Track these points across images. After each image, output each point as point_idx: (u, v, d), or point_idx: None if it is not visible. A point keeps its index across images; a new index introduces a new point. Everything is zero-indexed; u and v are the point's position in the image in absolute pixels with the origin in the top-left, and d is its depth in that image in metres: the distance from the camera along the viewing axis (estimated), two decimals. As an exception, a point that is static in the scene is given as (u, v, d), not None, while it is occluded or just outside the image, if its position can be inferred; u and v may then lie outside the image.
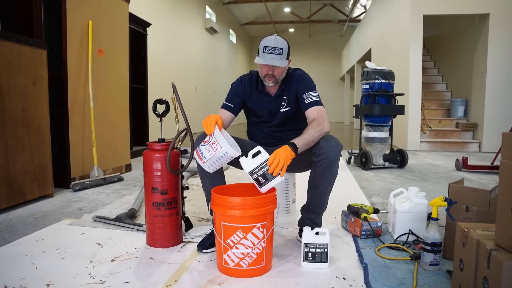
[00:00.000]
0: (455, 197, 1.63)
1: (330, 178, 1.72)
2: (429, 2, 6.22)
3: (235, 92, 1.95)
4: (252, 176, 1.51)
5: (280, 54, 1.74)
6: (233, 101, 1.92)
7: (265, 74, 1.81)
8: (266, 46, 1.74)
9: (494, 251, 1.07)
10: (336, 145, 1.69)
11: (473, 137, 6.45)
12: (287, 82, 1.90)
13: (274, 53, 1.73)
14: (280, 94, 1.91)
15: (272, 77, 1.81)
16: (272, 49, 1.74)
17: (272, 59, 1.74)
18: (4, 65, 2.37)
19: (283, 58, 1.75)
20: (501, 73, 5.97)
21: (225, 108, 1.91)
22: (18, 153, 2.49)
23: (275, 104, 1.92)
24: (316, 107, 1.82)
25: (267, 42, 1.75)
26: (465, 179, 3.55)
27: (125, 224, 2.07)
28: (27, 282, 1.42)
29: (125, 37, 3.93)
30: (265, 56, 1.74)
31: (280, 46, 1.74)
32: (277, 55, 1.74)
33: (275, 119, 1.95)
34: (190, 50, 9.67)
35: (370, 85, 4.25)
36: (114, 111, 3.69)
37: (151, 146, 1.79)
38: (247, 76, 1.98)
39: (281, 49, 1.74)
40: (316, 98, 1.84)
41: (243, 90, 1.94)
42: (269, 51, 1.74)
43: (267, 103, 1.93)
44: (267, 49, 1.74)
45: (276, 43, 1.74)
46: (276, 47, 1.73)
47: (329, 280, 1.46)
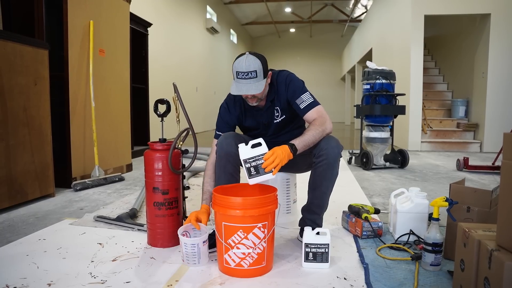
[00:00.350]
0: (456, 197, 1.63)
1: (330, 179, 1.72)
2: (430, 2, 6.21)
3: (224, 121, 1.90)
4: (245, 164, 1.52)
5: (255, 77, 1.62)
6: (224, 129, 1.88)
7: (245, 97, 1.75)
8: (239, 72, 1.63)
9: (496, 251, 1.06)
10: (336, 146, 1.69)
11: (474, 137, 6.44)
12: (274, 90, 1.82)
13: (247, 78, 1.62)
14: (270, 105, 1.84)
15: (254, 97, 1.73)
16: (244, 74, 1.62)
17: (247, 87, 1.63)
18: (5, 65, 2.38)
19: (259, 80, 1.64)
20: (502, 73, 5.96)
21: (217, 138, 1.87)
22: (19, 152, 2.49)
23: (267, 116, 1.86)
24: (314, 108, 1.75)
25: (238, 66, 1.63)
26: (466, 179, 3.55)
27: (126, 224, 2.07)
28: (29, 281, 1.42)
29: (126, 37, 3.93)
30: (240, 83, 1.64)
31: (252, 69, 1.61)
32: (251, 79, 1.62)
33: (270, 130, 1.91)
34: (191, 50, 9.67)
35: (371, 85, 4.24)
36: (115, 111, 3.70)
37: (152, 146, 1.79)
38: (230, 98, 1.89)
39: (254, 71, 1.61)
40: (310, 99, 1.76)
41: (230, 115, 1.89)
42: (242, 76, 1.62)
43: (259, 116, 1.88)
44: (240, 74, 1.63)
45: (247, 67, 1.61)
46: (248, 71, 1.61)
47: (330, 280, 1.46)
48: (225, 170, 1.73)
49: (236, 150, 1.60)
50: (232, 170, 1.73)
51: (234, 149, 1.67)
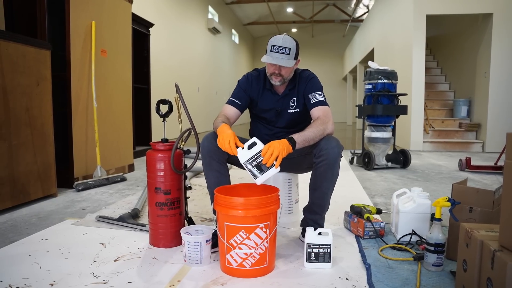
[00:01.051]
0: (458, 198, 1.63)
1: (331, 179, 1.72)
2: (432, 2, 6.20)
3: (242, 89, 1.92)
4: (247, 167, 1.52)
5: (288, 54, 1.73)
6: (240, 98, 1.91)
7: (272, 73, 1.81)
8: (274, 45, 1.73)
9: (498, 251, 1.06)
10: (336, 146, 1.69)
11: (477, 137, 6.43)
12: (295, 82, 1.89)
13: (281, 52, 1.72)
14: (288, 93, 1.90)
15: (279, 76, 1.80)
16: (279, 48, 1.72)
17: (278, 58, 1.72)
18: (8, 66, 2.39)
19: (291, 58, 1.74)
20: (504, 73, 5.94)
21: (231, 104, 1.89)
22: (22, 153, 2.50)
23: (282, 103, 1.91)
24: (321, 107, 1.83)
25: (275, 41, 1.74)
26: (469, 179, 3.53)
27: (128, 224, 2.08)
28: (31, 281, 1.43)
29: (128, 38, 3.93)
30: (272, 55, 1.74)
31: (288, 45, 1.73)
32: (284, 54, 1.73)
33: (282, 120, 1.93)
34: (192, 50, 9.68)
35: (373, 85, 4.24)
36: (117, 111, 3.70)
37: (154, 146, 1.79)
38: (254, 73, 1.96)
39: (288, 48, 1.73)
40: (322, 98, 1.85)
41: (250, 87, 1.92)
42: (276, 50, 1.73)
43: (275, 101, 1.92)
44: (275, 48, 1.73)
45: (284, 43, 1.73)
46: (283, 46, 1.72)
47: (332, 281, 1.46)
48: (211, 168, 1.75)
49: (217, 147, 1.65)
50: (217, 167, 1.75)
51: (215, 146, 1.70)
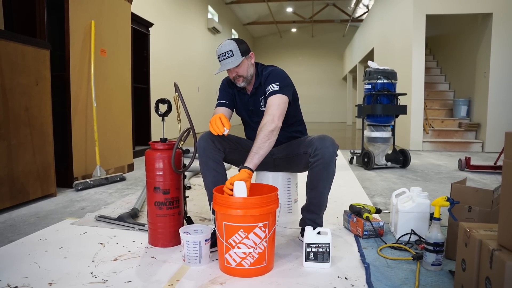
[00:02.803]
0: (457, 197, 1.63)
1: (327, 178, 1.73)
2: (431, 2, 6.20)
3: (224, 91, 1.99)
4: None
5: (231, 55, 1.77)
6: (226, 97, 1.96)
7: (232, 78, 1.86)
8: (218, 55, 1.80)
9: (497, 251, 1.06)
10: (331, 145, 1.70)
11: (476, 137, 6.42)
12: (259, 80, 1.90)
13: (225, 58, 1.78)
14: (255, 92, 1.92)
15: (239, 77, 1.84)
16: (222, 55, 1.79)
17: (225, 64, 1.79)
18: (7, 65, 2.38)
19: (236, 58, 1.78)
20: (504, 73, 5.94)
21: (221, 106, 1.94)
22: (21, 152, 2.50)
23: (253, 102, 1.94)
24: (270, 98, 1.76)
25: (217, 51, 1.81)
26: (468, 179, 3.54)
27: (127, 223, 2.08)
28: (30, 280, 1.43)
29: (127, 37, 3.93)
30: (221, 64, 1.81)
31: (227, 49, 1.77)
32: (228, 58, 1.78)
33: (257, 118, 1.90)
34: (192, 50, 9.68)
35: (372, 85, 4.24)
36: (116, 111, 3.70)
37: (153, 146, 1.79)
38: (228, 80, 2.00)
39: (229, 51, 1.77)
40: (274, 88, 1.77)
41: (229, 89, 1.99)
42: (221, 58, 1.79)
43: (246, 101, 1.96)
44: (220, 57, 1.80)
45: (224, 48, 1.78)
46: (224, 51, 1.78)
47: (331, 280, 1.46)
48: (208, 167, 1.77)
49: (213, 146, 1.75)
50: (214, 166, 1.77)
51: (210, 145, 1.77)
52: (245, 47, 1.82)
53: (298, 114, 2.02)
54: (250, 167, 1.60)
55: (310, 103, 16.12)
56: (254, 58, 1.90)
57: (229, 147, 1.85)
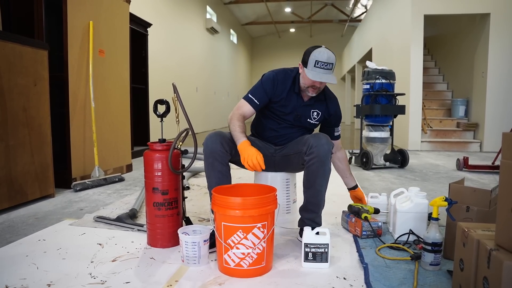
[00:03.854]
0: (455, 197, 1.63)
1: (323, 176, 1.73)
2: (429, 2, 6.22)
3: (264, 90, 1.88)
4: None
5: (331, 70, 1.75)
6: (260, 98, 1.88)
7: (311, 85, 1.81)
8: (319, 61, 1.72)
9: (494, 251, 1.07)
10: (326, 142, 1.71)
11: (474, 137, 6.44)
12: (321, 96, 1.94)
13: (326, 68, 1.73)
14: (312, 103, 1.93)
15: (317, 89, 1.83)
16: (324, 64, 1.73)
17: (324, 75, 1.73)
18: (5, 66, 2.38)
19: (333, 74, 1.78)
20: (502, 73, 5.96)
21: (249, 103, 1.88)
22: (19, 153, 2.50)
23: (304, 110, 1.93)
24: (338, 140, 2.10)
25: (319, 56, 1.73)
26: (466, 179, 3.55)
27: (126, 224, 2.08)
28: (28, 282, 1.42)
29: (126, 38, 3.93)
30: (317, 71, 1.74)
31: (331, 61, 1.73)
32: (329, 71, 1.74)
33: (297, 122, 1.96)
34: (191, 50, 9.67)
35: (371, 85, 4.25)
36: (115, 111, 3.70)
37: (151, 147, 1.79)
38: (281, 75, 1.91)
39: (331, 64, 1.74)
40: (340, 131, 2.08)
41: (273, 91, 1.89)
42: (321, 66, 1.73)
43: (298, 106, 1.92)
44: (320, 63, 1.73)
45: (328, 59, 1.73)
46: (328, 62, 1.72)
47: (329, 280, 1.46)
48: (214, 168, 1.75)
49: (221, 148, 1.71)
50: (220, 167, 1.75)
51: (219, 147, 1.73)
52: None
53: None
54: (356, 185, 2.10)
55: (308, 103, 16.09)
56: None
57: (236, 149, 1.82)
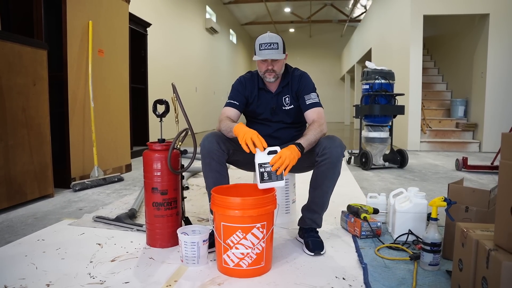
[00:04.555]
0: (454, 197, 1.64)
1: (332, 178, 1.73)
2: (429, 2, 6.22)
3: (238, 91, 1.97)
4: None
5: (277, 48, 1.79)
6: (238, 98, 1.95)
7: (265, 70, 1.86)
8: (262, 43, 1.80)
9: (493, 251, 1.07)
10: (339, 145, 1.71)
11: (473, 137, 6.45)
12: (287, 79, 1.94)
13: (270, 48, 1.79)
14: (281, 91, 1.94)
15: (272, 72, 1.85)
16: (268, 44, 1.79)
17: (270, 54, 1.79)
18: (4, 65, 2.38)
19: (280, 52, 1.81)
20: (501, 73, 5.97)
21: (231, 106, 1.93)
22: (18, 153, 2.49)
23: (277, 101, 1.95)
24: (316, 108, 1.88)
25: (262, 39, 1.81)
26: (465, 179, 3.55)
27: (125, 224, 2.08)
28: (27, 282, 1.42)
29: (125, 37, 3.93)
30: (263, 53, 1.80)
31: (275, 41, 1.80)
32: (273, 49, 1.79)
33: (278, 117, 1.97)
34: (190, 50, 9.67)
35: (370, 85, 4.25)
36: (114, 111, 3.70)
37: (151, 147, 1.79)
38: (247, 75, 2.01)
39: (276, 43, 1.79)
40: (316, 99, 1.89)
41: (244, 89, 1.97)
42: (265, 47, 1.79)
43: (269, 99, 1.96)
44: (264, 45, 1.80)
45: (270, 39, 1.80)
46: (271, 42, 1.79)
47: (328, 280, 1.46)
48: (211, 168, 1.76)
49: (218, 147, 1.73)
50: (217, 167, 1.76)
51: (215, 147, 1.74)
52: (285, 47, 1.85)
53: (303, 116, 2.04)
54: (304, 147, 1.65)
55: (308, 103, 16.11)
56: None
57: (233, 148, 1.83)
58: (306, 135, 1.71)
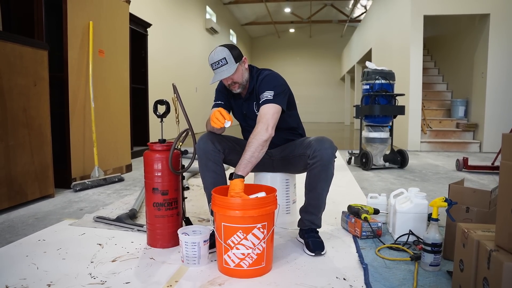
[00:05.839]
0: (455, 198, 1.63)
1: (326, 180, 1.73)
2: (429, 2, 6.22)
3: (219, 91, 1.98)
4: None
5: (225, 63, 1.74)
6: (222, 98, 1.96)
7: (228, 85, 1.83)
8: (211, 63, 1.76)
9: (494, 251, 1.07)
10: (330, 146, 1.70)
11: (474, 137, 6.45)
12: (254, 83, 1.87)
13: (219, 66, 1.74)
14: (248, 97, 1.91)
15: (235, 84, 1.81)
16: (216, 63, 1.75)
17: (220, 73, 1.75)
18: (5, 66, 2.38)
19: (230, 65, 1.74)
20: (501, 73, 5.96)
21: (217, 106, 1.91)
22: (19, 153, 2.49)
23: (247, 106, 1.93)
24: (263, 107, 1.73)
25: (210, 59, 1.77)
26: (466, 179, 3.55)
27: (125, 224, 2.08)
28: (28, 282, 1.42)
29: (125, 38, 3.93)
30: (215, 72, 1.77)
31: (220, 57, 1.73)
32: (222, 66, 1.74)
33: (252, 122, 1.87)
34: (190, 51, 9.68)
35: (370, 86, 4.25)
36: (114, 111, 3.70)
37: (151, 147, 1.79)
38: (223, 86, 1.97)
39: (223, 59, 1.73)
40: (268, 96, 1.73)
41: (225, 90, 1.96)
42: (215, 66, 1.75)
43: (240, 105, 1.96)
44: (213, 65, 1.76)
45: (216, 56, 1.75)
46: (217, 60, 1.74)
47: (329, 281, 1.46)
48: (208, 168, 1.78)
49: (213, 147, 1.75)
50: (214, 167, 1.78)
51: (211, 147, 1.77)
52: (238, 53, 1.78)
53: (294, 120, 1.99)
54: (243, 175, 1.60)
55: (308, 104, 16.14)
56: (248, 62, 1.87)
57: (228, 148, 1.85)
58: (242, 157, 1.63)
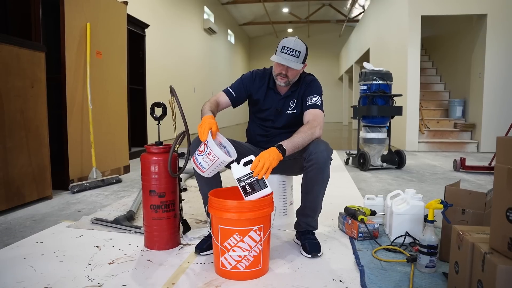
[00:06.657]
0: (451, 200, 1.64)
1: (321, 182, 1.73)
2: (427, 3, 6.24)
3: (243, 84, 1.96)
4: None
5: (297, 57, 1.77)
6: (237, 91, 1.94)
7: (279, 73, 1.83)
8: (285, 46, 1.77)
9: (489, 254, 1.07)
10: (325, 149, 1.70)
11: (471, 137, 6.47)
12: (298, 85, 1.92)
13: (291, 54, 1.76)
14: (289, 94, 1.93)
15: (285, 77, 1.83)
16: (290, 50, 1.76)
17: (287, 60, 1.76)
18: (2, 68, 2.38)
19: (299, 61, 1.78)
20: (499, 73, 5.99)
21: (227, 94, 1.93)
22: (16, 155, 2.49)
23: (283, 104, 1.94)
24: (314, 110, 1.84)
25: (287, 42, 1.78)
26: (463, 179, 3.56)
27: (123, 226, 2.08)
28: (26, 285, 1.43)
29: (123, 39, 3.93)
30: (282, 56, 1.77)
31: (298, 49, 1.77)
32: (293, 57, 1.76)
33: (281, 119, 1.95)
34: (188, 51, 9.67)
35: (368, 86, 4.26)
36: (112, 112, 3.70)
37: (148, 149, 1.79)
38: (260, 71, 1.99)
39: (298, 52, 1.77)
40: (317, 102, 1.86)
41: (252, 84, 1.95)
42: (287, 51, 1.76)
43: (276, 101, 1.94)
44: (285, 49, 1.77)
45: (295, 46, 1.77)
46: (294, 49, 1.76)
47: (325, 283, 1.47)
48: None
49: None
50: None
51: None
52: (306, 57, 1.83)
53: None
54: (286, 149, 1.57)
55: (306, 103, 16.13)
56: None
57: None
58: (292, 137, 1.66)
